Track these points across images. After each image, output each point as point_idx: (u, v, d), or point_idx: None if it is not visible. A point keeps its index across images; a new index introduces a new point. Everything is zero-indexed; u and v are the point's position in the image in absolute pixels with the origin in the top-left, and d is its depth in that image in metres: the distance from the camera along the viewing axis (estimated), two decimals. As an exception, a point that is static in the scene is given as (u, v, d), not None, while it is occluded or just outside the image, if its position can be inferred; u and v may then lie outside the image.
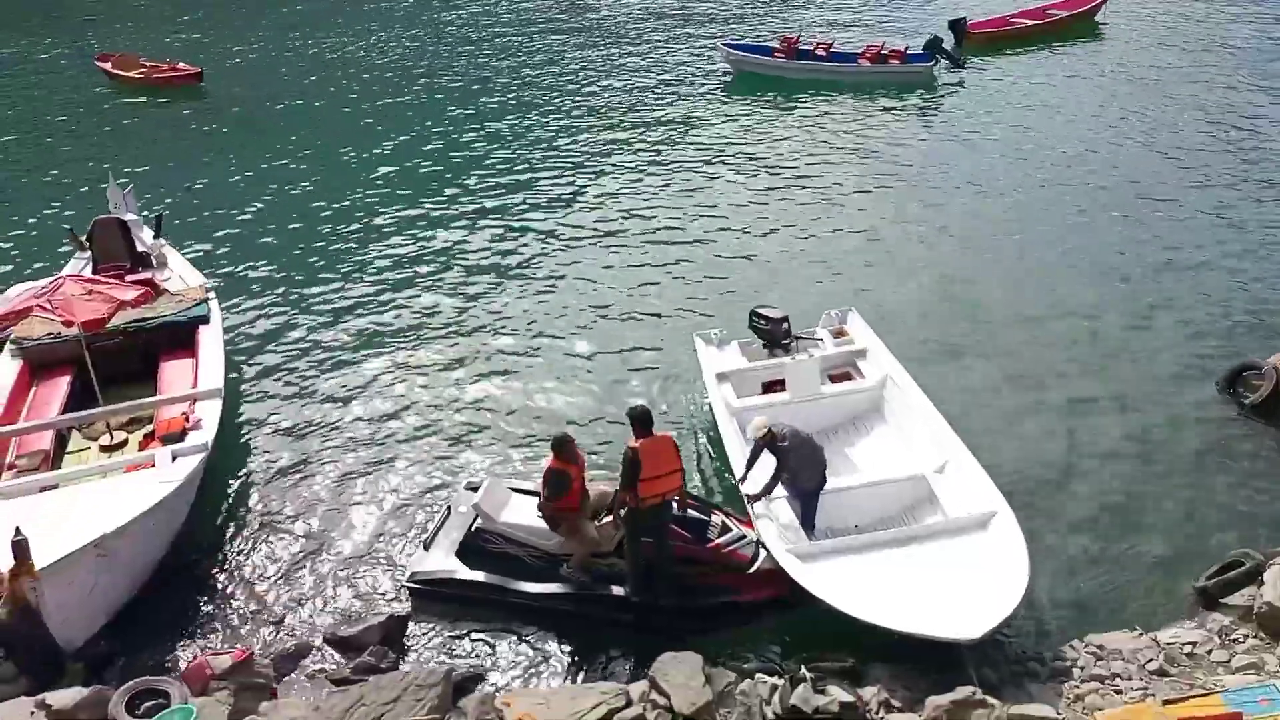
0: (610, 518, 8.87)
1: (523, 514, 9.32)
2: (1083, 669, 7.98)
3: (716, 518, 9.25)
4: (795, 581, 8.35)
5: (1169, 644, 8.18)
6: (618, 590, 8.87)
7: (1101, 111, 21.11)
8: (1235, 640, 8.23)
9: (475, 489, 9.76)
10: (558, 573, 9.03)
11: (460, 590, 9.12)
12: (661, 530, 8.71)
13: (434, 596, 9.19)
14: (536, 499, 9.10)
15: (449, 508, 9.93)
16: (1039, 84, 23.25)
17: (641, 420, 8.64)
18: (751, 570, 8.83)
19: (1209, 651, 8.10)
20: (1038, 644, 8.42)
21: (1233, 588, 8.69)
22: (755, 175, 18.77)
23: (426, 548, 9.53)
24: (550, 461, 8.78)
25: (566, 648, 8.76)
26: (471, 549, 9.34)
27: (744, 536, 9.05)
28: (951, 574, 8.23)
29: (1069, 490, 10.37)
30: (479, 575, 9.11)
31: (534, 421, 11.82)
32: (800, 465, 9.08)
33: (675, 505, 8.87)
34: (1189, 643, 8.20)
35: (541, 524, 8.98)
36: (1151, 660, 7.97)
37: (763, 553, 8.87)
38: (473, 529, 9.46)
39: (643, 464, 8.39)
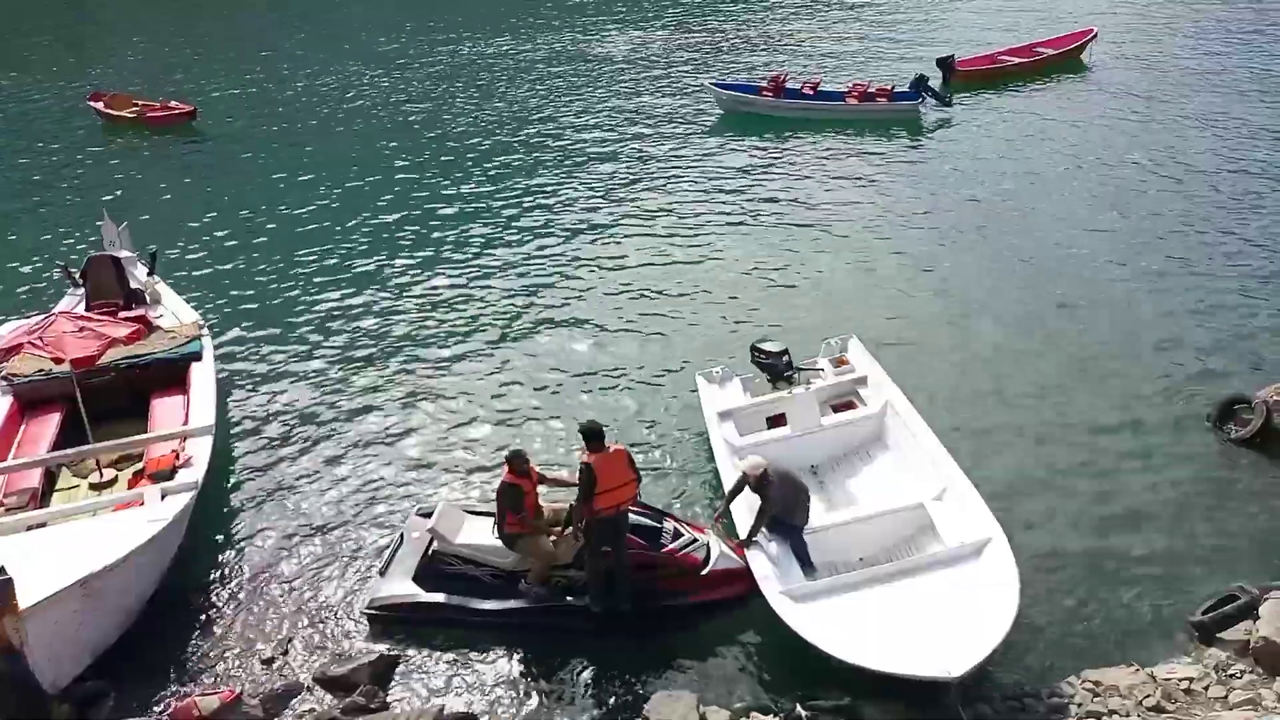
0: (569, 530, 9.07)
1: (478, 534, 9.54)
2: (1079, 705, 7.93)
3: (669, 524, 9.49)
4: (754, 580, 8.78)
5: (1165, 680, 8.14)
6: (576, 601, 9.09)
7: (1088, 148, 21.38)
8: (1232, 676, 8.20)
9: (426, 515, 9.93)
10: (516, 589, 9.23)
11: (420, 613, 9.20)
12: (620, 540, 8.94)
13: (395, 622, 9.25)
14: (490, 519, 9.37)
15: (402, 535, 10.03)
16: (1026, 121, 23.56)
17: (593, 435, 8.88)
18: (704, 572, 9.10)
19: (1206, 687, 8.06)
20: (1033, 680, 8.36)
21: (1229, 622, 8.68)
22: (745, 213, 18.90)
23: (383, 574, 9.61)
24: (504, 476, 9.05)
25: (557, 681, 8.71)
26: (428, 573, 9.46)
27: (695, 540, 9.31)
28: (941, 609, 8.20)
29: (1062, 523, 10.35)
30: (438, 597, 9.23)
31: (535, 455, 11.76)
32: (786, 504, 9.18)
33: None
34: (1185, 678, 8.16)
35: (497, 543, 9.23)
36: (1148, 696, 7.92)
37: (714, 554, 9.19)
38: (429, 553, 9.57)
39: (598, 478, 8.60)
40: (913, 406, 10.87)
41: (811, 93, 24.84)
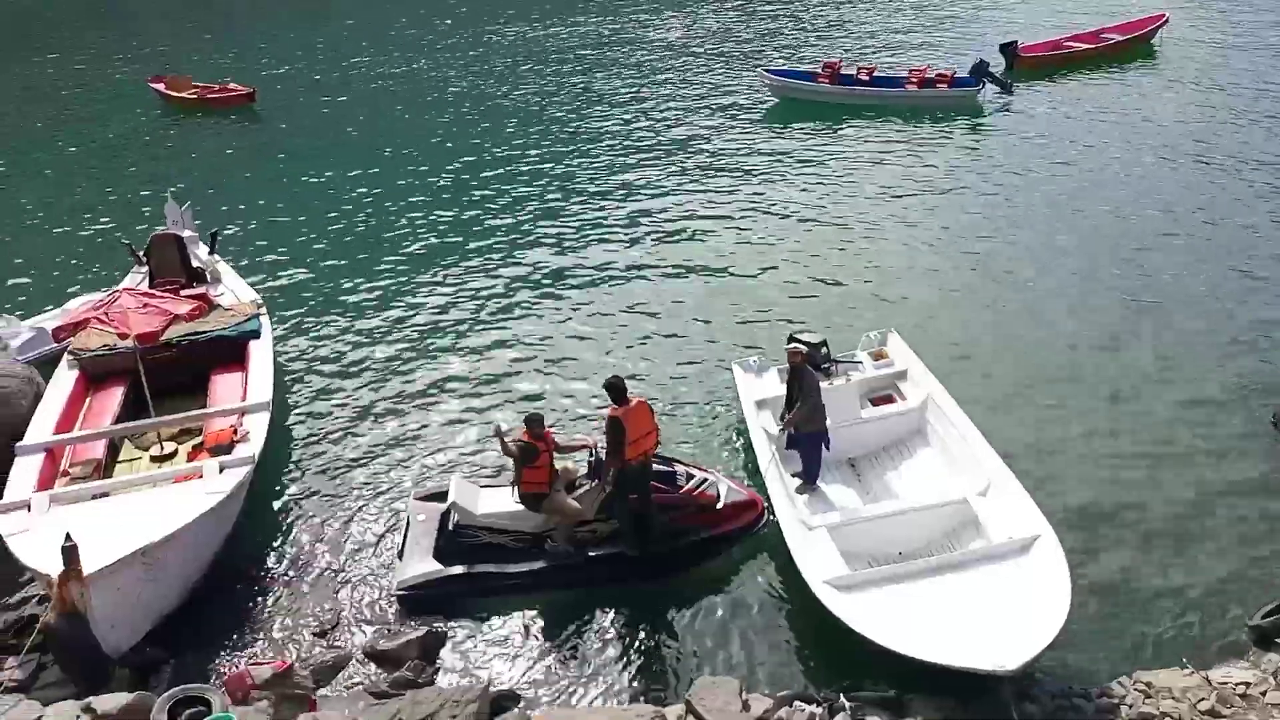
0: (593, 483, 9.60)
1: (499, 503, 9.84)
2: (1130, 707, 7.78)
3: (680, 467, 10.10)
4: (762, 509, 9.71)
5: (1221, 684, 7.96)
6: (605, 552, 9.54)
7: (1156, 140, 20.78)
8: (1291, 682, 7.98)
9: (425, 498, 10.29)
10: (543, 550, 9.57)
11: (451, 586, 9.40)
12: (646, 485, 9.48)
13: (426, 599, 9.39)
14: (504, 489, 9.81)
15: (408, 519, 10.18)
16: (1091, 110, 22.97)
17: (618, 390, 9.34)
18: (719, 507, 9.78)
19: (1263, 693, 7.86)
20: (1084, 679, 8.23)
21: (1288, 627, 8.46)
22: (795, 200, 18.73)
23: (401, 557, 9.80)
24: (521, 434, 9.49)
25: (599, 659, 8.82)
26: (450, 548, 9.68)
27: (706, 479, 9.97)
28: (991, 602, 8.10)
29: (1116, 522, 10.15)
30: (465, 568, 9.47)
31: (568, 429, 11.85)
32: (811, 401, 9.59)
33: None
34: (1242, 683, 7.97)
35: (519, 508, 9.58)
36: (1203, 700, 7.75)
37: (724, 490, 9.87)
38: (450, 528, 9.76)
39: (627, 429, 9.10)
40: (955, 401, 10.72)
41: (868, 79, 24.49)
